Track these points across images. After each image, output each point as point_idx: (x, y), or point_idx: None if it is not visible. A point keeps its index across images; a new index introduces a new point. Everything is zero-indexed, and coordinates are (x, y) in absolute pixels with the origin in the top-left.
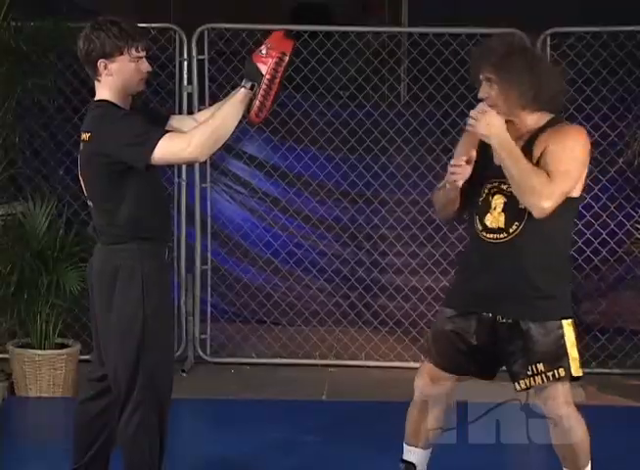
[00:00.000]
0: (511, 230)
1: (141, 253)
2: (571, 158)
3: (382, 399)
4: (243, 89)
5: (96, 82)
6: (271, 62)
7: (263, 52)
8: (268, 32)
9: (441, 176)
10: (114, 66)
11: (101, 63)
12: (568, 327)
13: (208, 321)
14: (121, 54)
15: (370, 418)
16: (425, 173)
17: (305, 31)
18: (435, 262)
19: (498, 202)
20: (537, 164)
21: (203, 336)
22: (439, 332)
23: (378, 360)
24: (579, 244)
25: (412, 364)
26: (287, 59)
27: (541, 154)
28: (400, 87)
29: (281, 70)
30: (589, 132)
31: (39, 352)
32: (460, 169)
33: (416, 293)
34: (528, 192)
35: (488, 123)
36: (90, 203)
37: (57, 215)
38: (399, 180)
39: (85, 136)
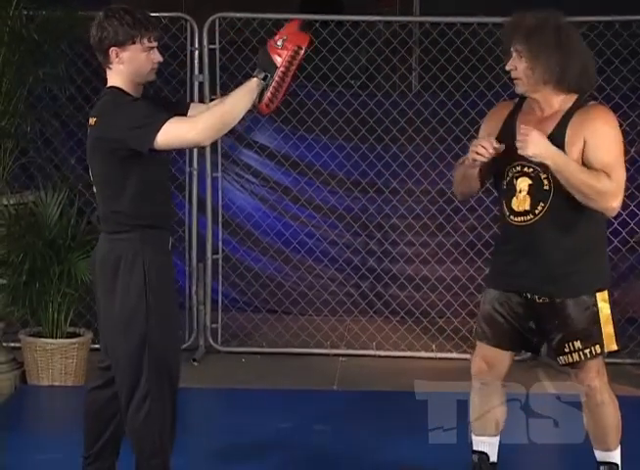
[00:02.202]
0: (537, 211)
1: (143, 241)
2: (613, 146)
3: (393, 389)
4: (255, 79)
5: (107, 70)
6: (286, 54)
7: (279, 44)
8: (279, 21)
9: (452, 166)
10: (125, 54)
11: (112, 50)
12: (602, 302)
13: (220, 310)
14: (134, 43)
15: (381, 407)
16: (436, 163)
17: (317, 21)
18: (447, 252)
19: (523, 185)
20: (582, 154)
21: (214, 325)
22: (488, 312)
23: (389, 350)
24: None
25: (423, 354)
26: (302, 53)
27: (583, 148)
28: (412, 76)
29: (295, 63)
30: None
31: (51, 340)
32: (484, 151)
33: (427, 282)
34: (595, 198)
35: (536, 145)
36: (95, 188)
37: (68, 204)
38: (410, 170)
39: (92, 121)
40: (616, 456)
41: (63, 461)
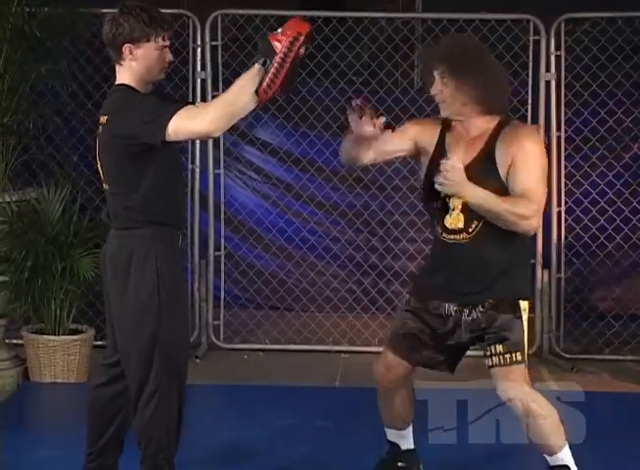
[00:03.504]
0: (470, 230)
1: (155, 238)
2: (537, 166)
3: None
4: (256, 65)
5: (117, 66)
6: (285, 40)
7: (279, 31)
8: (281, 18)
9: None
10: (139, 51)
11: (126, 47)
12: (524, 311)
13: (222, 307)
14: (148, 41)
15: None
16: None
17: (319, 17)
18: None
19: (456, 203)
20: (507, 171)
21: (216, 322)
22: (402, 322)
23: None
24: (593, 230)
25: None
26: (302, 39)
27: (510, 165)
28: (414, 73)
29: (294, 49)
30: (603, 119)
31: (53, 337)
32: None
33: None
34: (516, 222)
35: (454, 185)
36: (106, 186)
37: (71, 201)
38: (412, 166)
39: (103, 119)
40: (564, 457)
41: (65, 458)
